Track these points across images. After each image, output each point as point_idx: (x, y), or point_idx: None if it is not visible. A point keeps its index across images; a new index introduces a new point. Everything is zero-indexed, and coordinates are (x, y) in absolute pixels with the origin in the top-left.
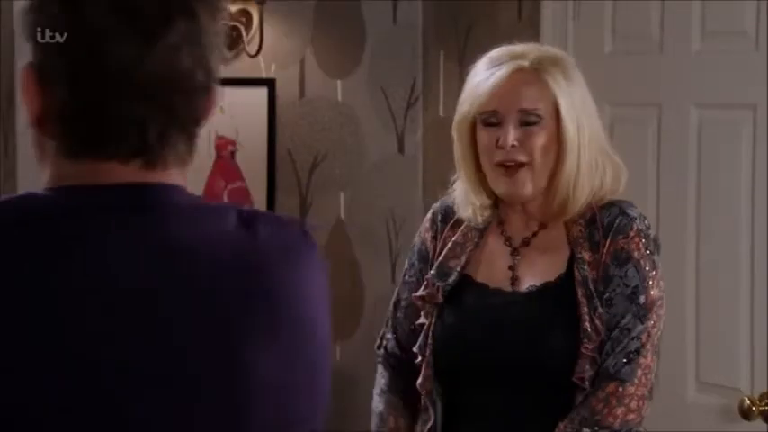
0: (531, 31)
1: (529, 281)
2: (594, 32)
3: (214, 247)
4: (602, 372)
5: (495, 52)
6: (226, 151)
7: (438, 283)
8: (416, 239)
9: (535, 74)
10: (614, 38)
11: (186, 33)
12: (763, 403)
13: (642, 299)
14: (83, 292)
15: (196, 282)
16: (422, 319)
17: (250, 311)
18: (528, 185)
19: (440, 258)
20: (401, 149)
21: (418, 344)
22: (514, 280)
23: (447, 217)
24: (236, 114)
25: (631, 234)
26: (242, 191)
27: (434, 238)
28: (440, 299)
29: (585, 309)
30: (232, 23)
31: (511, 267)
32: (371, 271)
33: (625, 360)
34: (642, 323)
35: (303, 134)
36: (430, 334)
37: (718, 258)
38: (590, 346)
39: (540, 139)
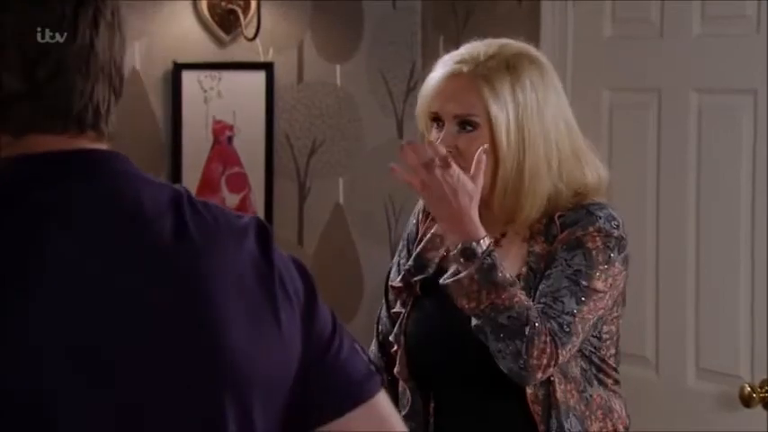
0: (531, 15)
1: None
2: (594, 17)
3: (165, 210)
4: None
5: (458, 50)
6: (223, 136)
7: (415, 277)
8: (412, 220)
9: (472, 80)
10: (614, 22)
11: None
12: (763, 390)
13: (583, 281)
14: (46, 258)
15: (155, 242)
16: (398, 308)
17: (205, 275)
18: None
19: (419, 249)
20: (400, 134)
21: (394, 333)
22: None
23: None
24: (233, 99)
25: (591, 229)
26: (240, 176)
27: (424, 221)
28: (417, 292)
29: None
30: (230, 7)
31: None
32: (370, 256)
33: (558, 325)
34: (577, 304)
35: (301, 119)
36: (405, 324)
37: (719, 245)
38: None
39: (477, 146)
